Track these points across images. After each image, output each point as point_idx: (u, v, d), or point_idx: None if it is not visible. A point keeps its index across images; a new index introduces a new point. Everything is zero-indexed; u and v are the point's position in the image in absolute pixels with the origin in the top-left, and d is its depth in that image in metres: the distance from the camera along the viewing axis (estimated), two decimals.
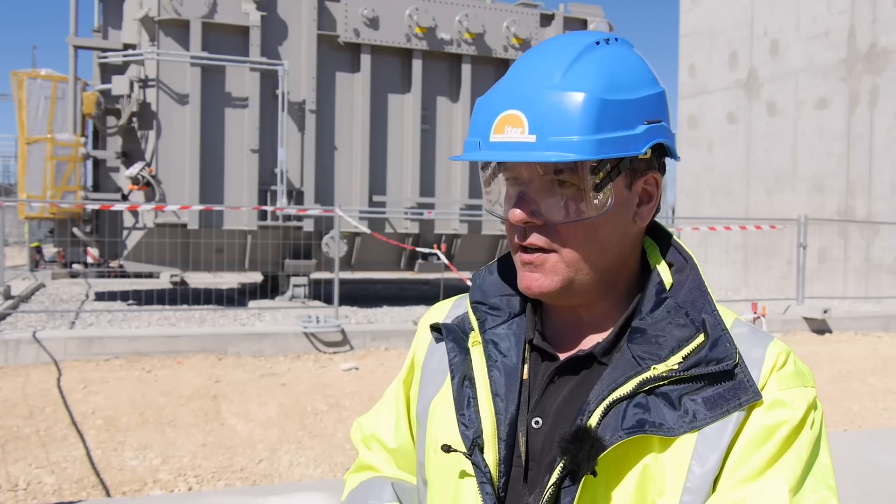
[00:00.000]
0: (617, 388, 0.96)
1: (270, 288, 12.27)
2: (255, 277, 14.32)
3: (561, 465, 0.94)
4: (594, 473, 0.93)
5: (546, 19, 12.71)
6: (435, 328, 1.15)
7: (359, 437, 1.31)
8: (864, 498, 4.19)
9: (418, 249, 11.75)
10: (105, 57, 11.23)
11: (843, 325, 11.36)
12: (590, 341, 1.06)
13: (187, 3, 10.63)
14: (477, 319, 1.10)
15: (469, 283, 1.14)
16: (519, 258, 1.04)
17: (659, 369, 0.96)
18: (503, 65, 12.43)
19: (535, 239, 1.01)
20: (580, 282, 1.02)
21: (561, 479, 0.95)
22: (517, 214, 1.00)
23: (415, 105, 11.97)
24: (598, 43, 1.02)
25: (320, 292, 11.93)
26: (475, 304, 1.12)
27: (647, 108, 1.00)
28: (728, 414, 0.95)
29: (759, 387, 0.97)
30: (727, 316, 1.03)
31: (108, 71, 11.37)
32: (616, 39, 1.04)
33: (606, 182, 0.99)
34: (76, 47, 11.41)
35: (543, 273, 1.02)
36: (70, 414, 6.10)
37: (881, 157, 14.47)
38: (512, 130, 0.97)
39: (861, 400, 7.41)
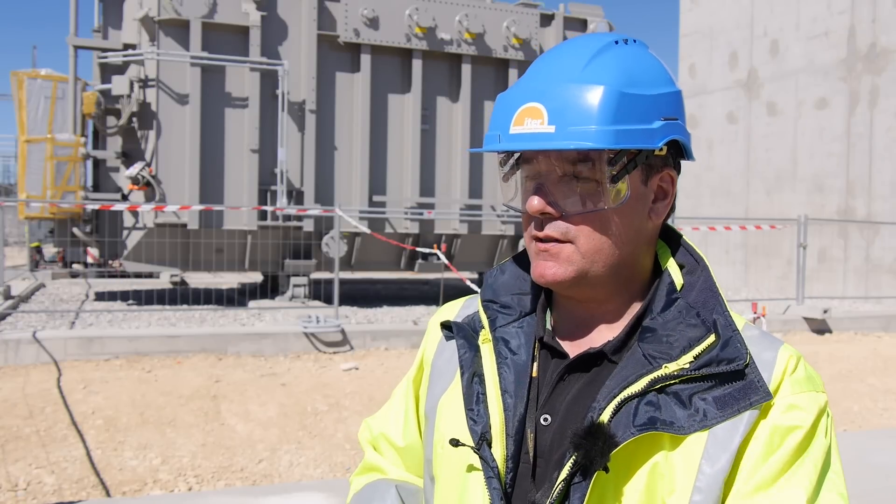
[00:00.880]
0: (628, 386, 0.97)
1: (270, 288, 12.27)
2: (255, 277, 14.33)
3: (572, 460, 0.95)
4: (606, 469, 0.93)
5: (546, 19, 12.71)
6: (445, 326, 1.16)
7: (367, 437, 1.32)
8: (864, 498, 4.19)
9: (418, 249, 11.76)
10: (105, 57, 11.23)
11: (843, 325, 11.36)
12: (600, 339, 1.07)
13: (187, 3, 10.63)
14: (488, 318, 1.12)
15: (469, 283, 1.15)
16: (534, 247, 1.05)
17: (670, 368, 0.97)
18: (503, 65, 12.44)
19: (551, 230, 1.03)
20: (594, 274, 1.03)
21: (571, 475, 0.95)
22: (535, 204, 1.02)
23: (415, 105, 11.97)
24: (616, 42, 1.04)
25: (320, 292, 11.93)
26: (486, 302, 1.14)
27: (663, 105, 1.02)
28: (738, 413, 0.95)
29: (772, 389, 0.97)
30: (737, 320, 1.04)
31: (108, 71, 11.37)
32: (634, 41, 1.06)
33: (623, 174, 1.00)
34: (76, 47, 11.41)
35: (558, 262, 1.03)
36: (70, 414, 6.10)
37: (881, 157, 14.47)
38: (531, 122, 1.00)
39: (861, 400, 7.41)
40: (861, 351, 9.88)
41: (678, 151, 1.07)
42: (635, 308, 1.07)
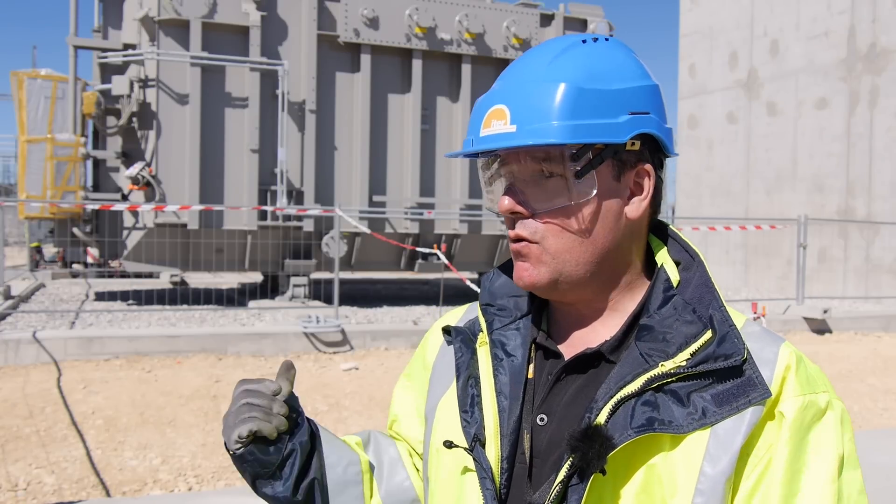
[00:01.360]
0: (625, 386, 0.96)
1: (270, 288, 12.27)
2: (255, 277, 14.33)
3: (569, 462, 0.94)
4: (603, 472, 0.92)
5: (546, 19, 12.71)
6: (446, 331, 1.17)
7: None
8: None
9: (418, 249, 11.75)
10: (105, 57, 11.24)
11: (843, 325, 11.37)
12: (595, 339, 1.06)
13: (187, 3, 10.63)
14: (486, 321, 1.12)
15: (468, 283, 1.16)
16: (512, 249, 1.06)
17: (667, 366, 0.96)
18: (503, 65, 12.42)
19: (522, 230, 1.03)
20: (570, 274, 1.03)
21: (568, 477, 0.94)
22: (504, 204, 1.03)
23: (415, 105, 11.97)
24: (584, 41, 1.04)
25: (320, 292, 11.93)
26: (485, 306, 1.14)
27: (630, 99, 1.01)
28: (738, 411, 0.94)
29: (773, 389, 0.95)
30: (737, 318, 1.03)
31: (108, 71, 11.37)
32: (606, 39, 1.06)
33: (588, 169, 1.00)
34: (76, 47, 11.42)
35: (532, 264, 1.03)
36: (70, 414, 6.10)
37: (881, 157, 14.47)
38: (497, 123, 1.01)
39: (861, 400, 7.41)
40: (861, 351, 9.88)
41: (657, 147, 1.06)
42: (629, 305, 1.06)
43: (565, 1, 12.87)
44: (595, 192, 1.00)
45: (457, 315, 1.25)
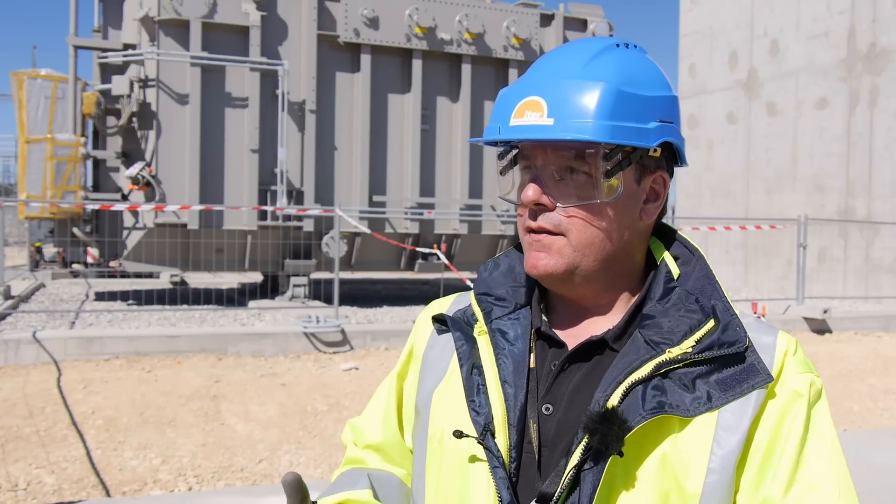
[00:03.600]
0: (633, 372, 0.99)
1: (270, 288, 12.27)
2: (255, 277, 14.33)
3: (581, 447, 0.96)
4: (621, 454, 0.94)
5: (546, 19, 12.71)
6: (438, 320, 1.17)
7: (349, 437, 1.32)
8: (865, 498, 4.17)
9: (418, 249, 11.76)
10: (105, 57, 11.24)
11: (843, 325, 11.37)
12: (597, 329, 1.08)
13: (187, 3, 10.63)
14: (483, 310, 1.13)
15: (468, 283, 1.16)
16: (527, 239, 1.07)
17: (674, 353, 0.99)
18: (503, 65, 12.44)
19: (544, 222, 1.05)
20: (585, 268, 1.05)
21: (582, 462, 0.96)
22: (530, 195, 1.04)
23: (415, 105, 11.97)
24: (618, 45, 1.08)
25: (320, 292, 11.94)
26: (480, 295, 1.15)
27: (659, 107, 1.05)
28: (742, 395, 0.98)
29: (774, 372, 1.01)
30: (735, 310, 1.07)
31: (108, 71, 11.37)
32: (635, 46, 1.10)
33: (617, 170, 1.03)
34: (76, 47, 11.42)
35: (550, 254, 1.05)
36: (70, 414, 6.10)
37: (881, 157, 14.47)
38: (531, 114, 1.02)
39: (861, 400, 7.41)
40: (861, 351, 9.88)
41: (672, 156, 1.10)
42: (629, 300, 1.10)
43: (565, 1, 12.87)
44: (621, 192, 1.04)
45: (445, 304, 1.24)
